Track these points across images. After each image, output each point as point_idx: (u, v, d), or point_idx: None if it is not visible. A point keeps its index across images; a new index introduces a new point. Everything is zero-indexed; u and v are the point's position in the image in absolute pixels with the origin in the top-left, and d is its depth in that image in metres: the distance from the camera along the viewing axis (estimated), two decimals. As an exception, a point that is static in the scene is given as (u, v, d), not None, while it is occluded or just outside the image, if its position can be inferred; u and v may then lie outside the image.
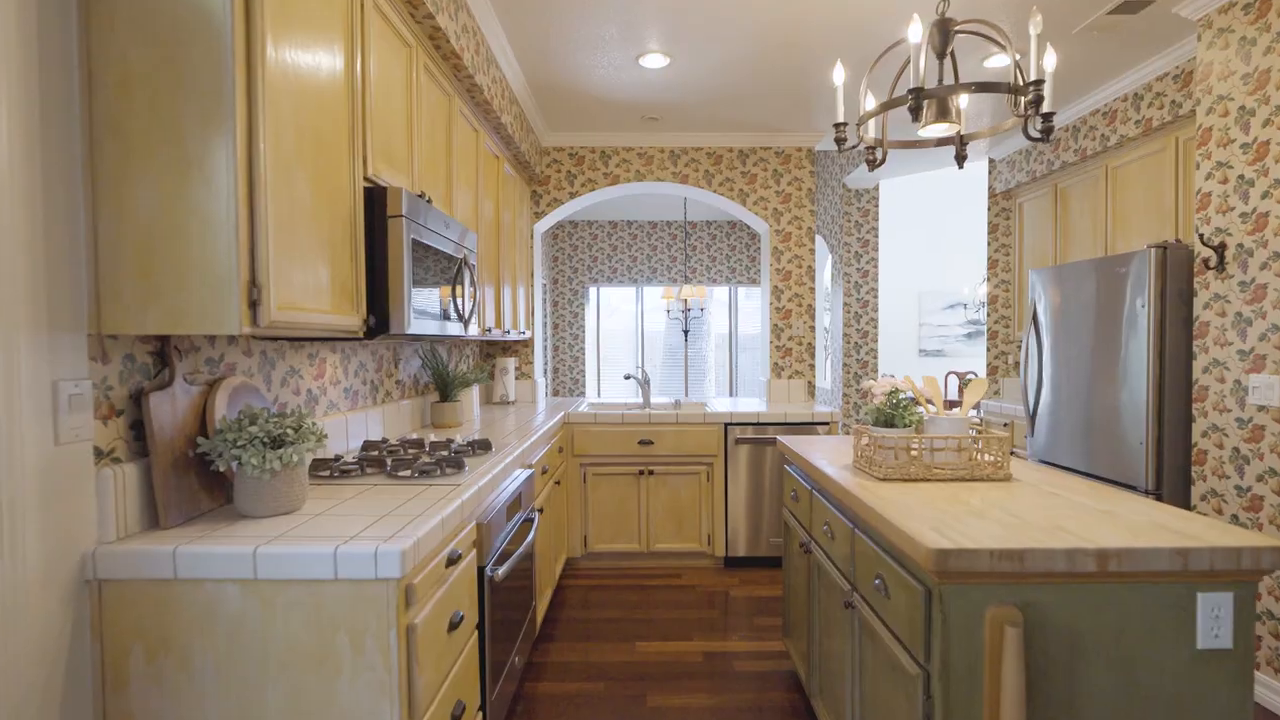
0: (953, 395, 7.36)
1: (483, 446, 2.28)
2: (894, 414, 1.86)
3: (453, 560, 1.53)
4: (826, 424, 3.69)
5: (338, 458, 1.96)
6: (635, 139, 4.23)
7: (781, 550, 3.76)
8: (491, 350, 4.29)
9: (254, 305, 1.27)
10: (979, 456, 1.81)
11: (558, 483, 3.26)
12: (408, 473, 1.86)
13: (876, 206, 5.61)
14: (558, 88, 3.49)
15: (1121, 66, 3.26)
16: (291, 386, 1.97)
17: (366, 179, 1.79)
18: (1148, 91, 3.24)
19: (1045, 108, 1.81)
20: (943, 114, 1.89)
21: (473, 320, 2.46)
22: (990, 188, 4.69)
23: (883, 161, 2.21)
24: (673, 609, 3.19)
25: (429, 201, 2.16)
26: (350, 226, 1.69)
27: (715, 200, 4.38)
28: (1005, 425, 4.15)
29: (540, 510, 2.68)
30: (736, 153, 4.27)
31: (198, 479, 1.48)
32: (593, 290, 8.26)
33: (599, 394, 8.30)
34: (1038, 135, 1.93)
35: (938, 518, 1.43)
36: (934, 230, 8.72)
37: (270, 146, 1.30)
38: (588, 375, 8.11)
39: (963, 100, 2.10)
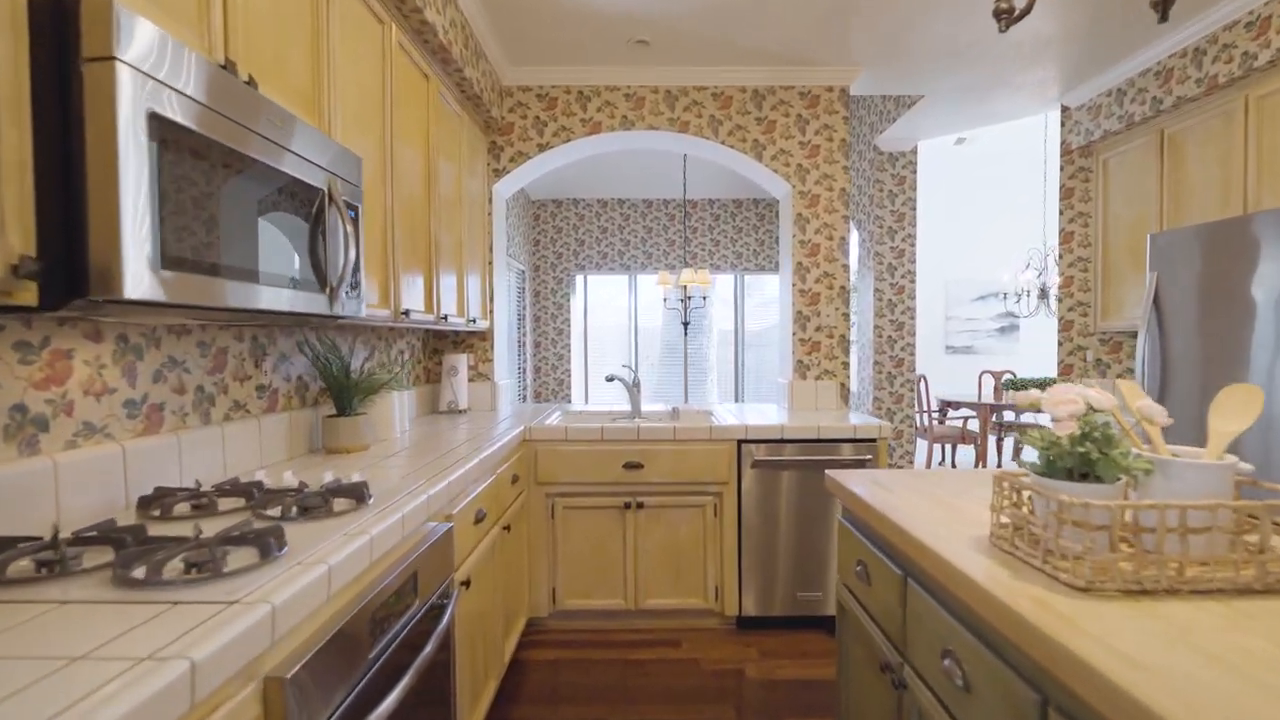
0: (987, 397, 6.39)
1: (350, 495, 1.37)
2: (1094, 455, 0.95)
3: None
4: (873, 440, 2.78)
5: (55, 535, 1.05)
6: (621, 75, 3.32)
7: (810, 608, 2.80)
8: (441, 345, 3.39)
9: None
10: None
11: (506, 528, 2.35)
12: (141, 572, 0.96)
13: (914, 174, 4.68)
14: (514, -10, 2.59)
15: (1286, -49, 2.36)
16: (-40, 402, 1.07)
17: (34, -20, 0.88)
18: (1328, -18, 2.34)
19: None
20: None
21: (349, 289, 1.56)
22: (1064, 143, 3.79)
23: (1024, 13, 1.31)
24: (669, 703, 2.29)
25: (250, 83, 1.26)
26: (-35, 62, 0.78)
27: (723, 155, 3.48)
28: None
29: (466, 584, 1.77)
30: (750, 93, 3.36)
31: None
32: (580, 279, 7.35)
33: (586, 398, 7.39)
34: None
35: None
36: (963, 211, 7.82)
37: None
38: (574, 376, 7.19)
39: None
